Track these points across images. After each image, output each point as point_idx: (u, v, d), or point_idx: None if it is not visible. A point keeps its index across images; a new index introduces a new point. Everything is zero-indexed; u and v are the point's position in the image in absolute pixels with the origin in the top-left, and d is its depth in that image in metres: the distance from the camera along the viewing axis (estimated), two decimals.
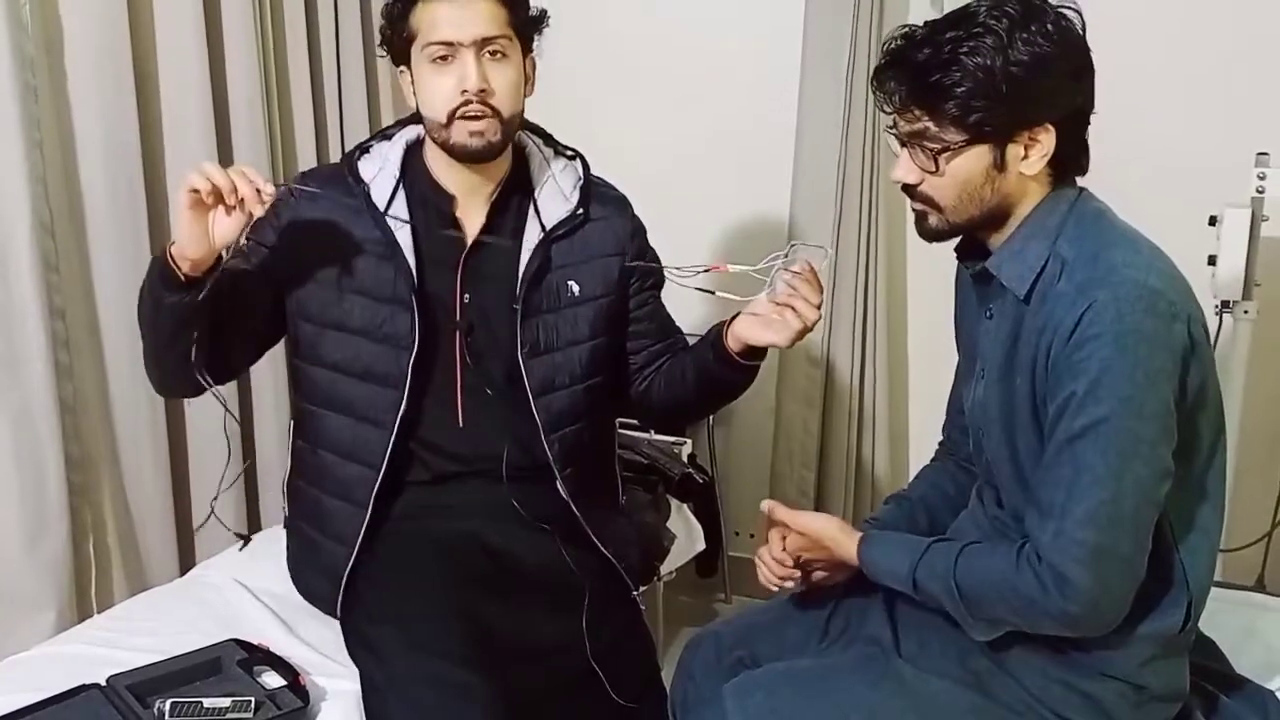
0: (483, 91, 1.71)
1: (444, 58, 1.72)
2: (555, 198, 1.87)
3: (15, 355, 2.06)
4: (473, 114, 1.72)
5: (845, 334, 2.91)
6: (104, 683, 1.65)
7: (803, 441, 3.00)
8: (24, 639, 1.97)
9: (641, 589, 2.05)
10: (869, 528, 1.74)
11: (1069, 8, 1.43)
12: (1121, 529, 1.38)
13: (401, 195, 1.81)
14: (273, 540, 2.12)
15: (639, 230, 1.96)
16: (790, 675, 1.58)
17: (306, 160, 2.68)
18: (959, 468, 1.78)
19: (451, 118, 1.73)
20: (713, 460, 3.10)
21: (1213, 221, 2.30)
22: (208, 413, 2.29)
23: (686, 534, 2.43)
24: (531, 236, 1.83)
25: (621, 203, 1.95)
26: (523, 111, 1.82)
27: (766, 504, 1.70)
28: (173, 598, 1.97)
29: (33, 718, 1.57)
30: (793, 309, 1.66)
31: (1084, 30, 1.44)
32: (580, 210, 1.87)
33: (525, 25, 1.78)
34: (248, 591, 1.95)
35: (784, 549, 1.67)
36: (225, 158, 2.46)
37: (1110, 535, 1.37)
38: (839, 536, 1.61)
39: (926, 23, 1.46)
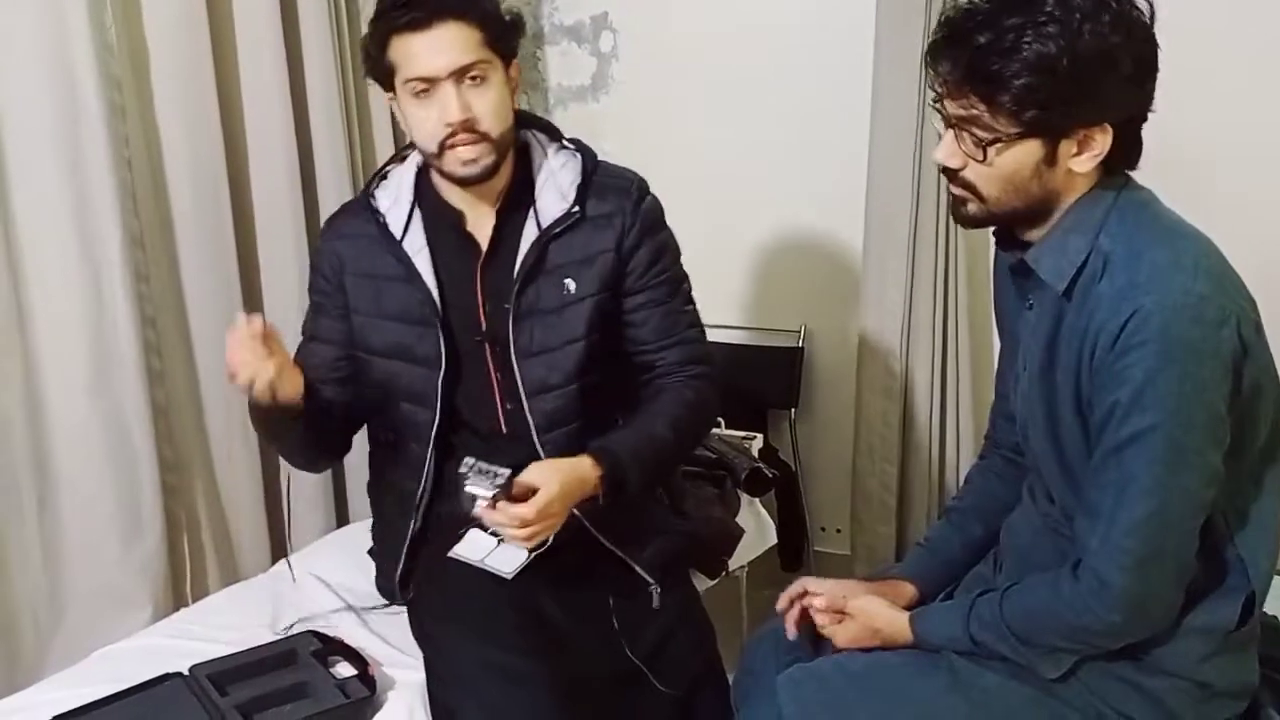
0: (466, 121, 1.71)
1: (425, 91, 1.72)
2: (553, 196, 1.83)
3: (109, 362, 2.17)
4: (461, 142, 1.73)
5: (925, 326, 2.85)
6: (186, 672, 1.73)
7: (883, 435, 2.95)
8: (121, 634, 2.03)
9: (711, 582, 2.08)
10: (921, 550, 1.75)
11: None
12: (1168, 535, 1.37)
13: (418, 218, 1.84)
14: (352, 536, 2.20)
15: (641, 222, 1.85)
16: (843, 667, 1.58)
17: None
18: (1006, 462, 1.75)
19: (442, 148, 1.74)
20: (796, 454, 3.09)
21: None
22: None
23: (757, 529, 2.43)
24: (528, 236, 1.82)
25: (624, 193, 1.85)
26: (514, 122, 1.80)
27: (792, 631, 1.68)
28: (256, 591, 2.06)
29: (118, 704, 1.67)
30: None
31: (1153, 21, 1.36)
32: (576, 209, 1.82)
33: (502, 39, 1.75)
34: (325, 585, 2.02)
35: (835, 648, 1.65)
36: (307, 167, 2.55)
37: (1156, 543, 1.36)
38: (888, 614, 1.60)
39: (989, 0, 1.38)
